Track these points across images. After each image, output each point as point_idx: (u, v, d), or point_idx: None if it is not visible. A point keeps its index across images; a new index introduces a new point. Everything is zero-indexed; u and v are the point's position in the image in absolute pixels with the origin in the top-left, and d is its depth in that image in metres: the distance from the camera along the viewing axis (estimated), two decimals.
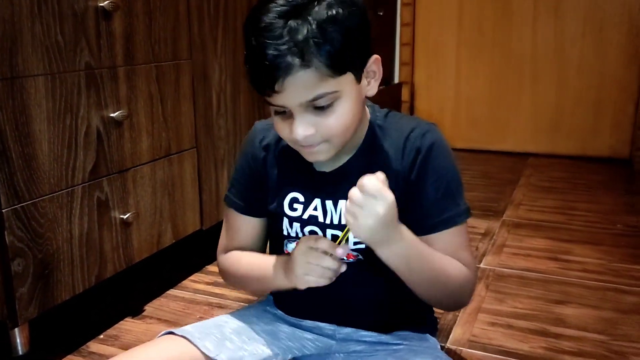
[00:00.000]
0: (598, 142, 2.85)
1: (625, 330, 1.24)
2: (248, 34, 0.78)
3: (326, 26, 0.73)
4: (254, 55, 0.76)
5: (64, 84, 1.11)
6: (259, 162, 0.95)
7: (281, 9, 0.75)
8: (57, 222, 1.12)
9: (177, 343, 0.90)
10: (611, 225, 1.91)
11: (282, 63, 0.73)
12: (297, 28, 0.73)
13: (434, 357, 0.87)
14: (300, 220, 0.91)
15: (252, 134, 0.98)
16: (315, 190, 0.90)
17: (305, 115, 0.78)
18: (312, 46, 0.73)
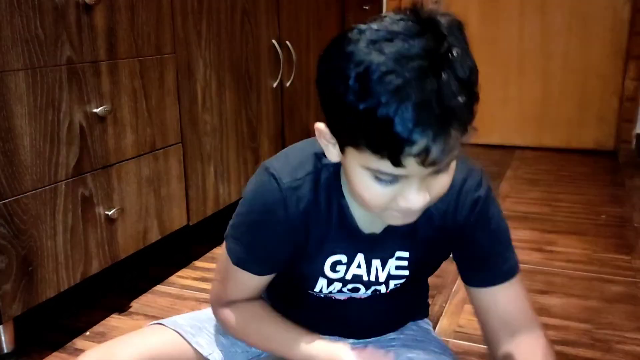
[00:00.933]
0: (583, 134, 2.87)
1: (609, 319, 1.25)
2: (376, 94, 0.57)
3: (469, 80, 0.59)
4: (403, 122, 0.57)
5: (45, 78, 1.10)
6: (296, 229, 0.78)
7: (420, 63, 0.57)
8: (40, 219, 1.11)
9: (166, 335, 0.89)
10: (596, 216, 1.93)
11: (445, 139, 0.58)
12: (450, 89, 0.57)
13: (427, 352, 0.87)
14: (343, 280, 0.83)
15: (280, 196, 0.76)
16: (359, 250, 0.81)
17: (425, 181, 0.64)
18: (464, 109, 0.58)
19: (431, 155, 0.58)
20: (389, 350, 0.89)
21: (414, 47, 0.57)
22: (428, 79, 0.56)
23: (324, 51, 0.64)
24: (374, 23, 0.61)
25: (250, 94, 1.79)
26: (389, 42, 0.58)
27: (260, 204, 0.78)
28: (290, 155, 0.81)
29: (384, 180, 0.63)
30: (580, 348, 1.14)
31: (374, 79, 0.56)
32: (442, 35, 0.59)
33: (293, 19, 2.04)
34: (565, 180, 2.39)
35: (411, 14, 0.61)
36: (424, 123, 0.56)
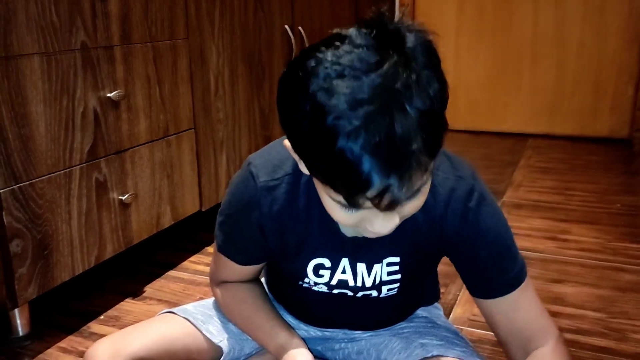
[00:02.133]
0: (597, 123, 2.84)
1: (623, 308, 1.24)
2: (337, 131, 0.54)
3: (431, 110, 0.56)
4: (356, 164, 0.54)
5: (59, 64, 1.10)
6: (269, 230, 0.79)
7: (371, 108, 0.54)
8: (55, 203, 1.12)
9: (178, 323, 0.90)
10: (609, 204, 1.91)
11: (406, 187, 0.56)
12: (406, 131, 0.54)
13: (439, 338, 0.87)
14: (328, 285, 0.82)
15: (255, 195, 0.77)
16: (344, 253, 0.80)
17: (390, 212, 0.61)
18: (423, 148, 0.55)
19: (385, 199, 0.56)
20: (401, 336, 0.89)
21: (366, 87, 0.54)
22: (380, 123, 0.53)
23: (283, 74, 0.62)
24: (331, 51, 0.57)
25: (263, 82, 1.79)
26: (342, 79, 0.55)
27: (237, 199, 0.81)
28: (273, 152, 0.79)
29: (348, 209, 0.61)
30: (594, 337, 1.14)
31: (328, 122, 0.54)
32: (403, 63, 0.55)
33: (306, 6, 2.02)
34: (578, 169, 2.36)
35: (375, 33, 0.57)
36: (377, 169, 0.54)
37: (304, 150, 0.60)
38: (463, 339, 0.91)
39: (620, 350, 1.09)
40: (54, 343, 1.15)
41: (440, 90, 0.57)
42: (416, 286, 0.90)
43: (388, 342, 0.88)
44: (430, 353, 0.81)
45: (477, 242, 0.75)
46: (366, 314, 0.90)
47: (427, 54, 0.57)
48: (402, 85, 0.54)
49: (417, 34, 0.58)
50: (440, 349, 0.82)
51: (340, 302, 0.86)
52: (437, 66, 0.58)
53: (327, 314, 0.91)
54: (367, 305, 0.86)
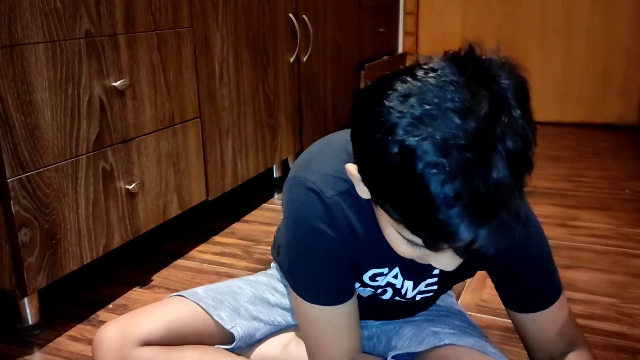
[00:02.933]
0: (606, 110, 2.81)
1: (635, 293, 1.23)
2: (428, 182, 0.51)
3: (524, 156, 0.53)
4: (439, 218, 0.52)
5: (64, 51, 1.09)
6: (344, 243, 0.73)
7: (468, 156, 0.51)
8: (62, 192, 1.12)
9: (188, 307, 0.89)
10: (619, 190, 1.89)
11: (491, 239, 0.53)
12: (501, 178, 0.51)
13: (451, 327, 0.86)
14: (377, 287, 0.81)
15: (327, 210, 0.70)
16: (399, 264, 0.78)
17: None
18: (515, 194, 0.53)
19: (474, 246, 0.53)
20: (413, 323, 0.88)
21: (461, 132, 0.50)
22: (475, 171, 0.50)
23: (361, 102, 0.57)
24: (417, 83, 0.53)
25: (268, 69, 1.77)
26: (434, 120, 0.50)
27: (308, 221, 0.71)
28: (324, 164, 0.73)
29: (416, 245, 0.59)
30: (607, 322, 1.12)
31: (418, 166, 0.50)
32: (498, 105, 0.51)
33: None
34: (588, 156, 2.34)
35: (466, 68, 0.53)
36: (471, 218, 0.51)
37: (383, 187, 0.55)
38: (476, 327, 0.90)
39: (632, 335, 1.08)
40: (64, 332, 1.15)
41: (532, 130, 0.54)
42: (445, 292, 0.90)
43: (399, 329, 0.87)
44: (442, 342, 0.80)
45: (521, 260, 0.74)
46: (391, 312, 0.90)
47: (520, 93, 0.54)
48: (500, 131, 0.51)
49: (511, 73, 0.55)
50: (453, 338, 0.81)
51: (368, 300, 0.85)
52: (528, 106, 0.54)
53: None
54: (393, 305, 0.85)
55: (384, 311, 0.89)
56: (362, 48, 2.54)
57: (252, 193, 1.93)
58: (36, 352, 1.09)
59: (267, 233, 1.62)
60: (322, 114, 2.16)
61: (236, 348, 0.89)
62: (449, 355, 0.78)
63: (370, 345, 0.90)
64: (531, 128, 0.54)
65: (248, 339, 0.90)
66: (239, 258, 1.47)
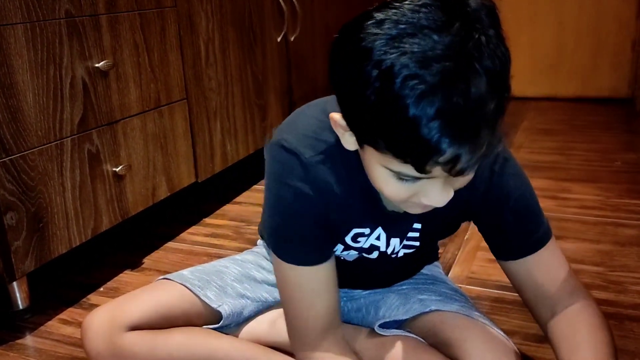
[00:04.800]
0: (598, 82, 2.81)
1: (623, 262, 1.24)
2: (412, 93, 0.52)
3: (501, 73, 0.55)
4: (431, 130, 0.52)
5: (44, 32, 1.08)
6: (324, 204, 0.73)
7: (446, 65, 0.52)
8: (48, 175, 1.11)
9: (175, 289, 0.89)
10: (610, 163, 1.90)
11: (478, 153, 0.54)
12: (480, 91, 0.52)
13: (437, 294, 0.87)
14: (360, 249, 0.82)
15: (306, 171, 0.71)
16: (380, 223, 0.79)
17: (448, 181, 0.61)
18: (495, 110, 0.54)
19: (459, 164, 0.54)
20: (399, 293, 0.89)
21: (439, 45, 0.51)
22: (455, 83, 0.51)
23: (337, 41, 0.59)
24: (393, 10, 0.54)
25: (255, 48, 1.76)
26: (411, 37, 0.51)
27: (286, 183, 0.72)
28: (302, 126, 0.74)
29: (406, 180, 0.59)
30: (594, 290, 1.13)
31: (397, 83, 0.51)
32: (471, 24, 0.53)
33: None
34: (579, 129, 2.34)
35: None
36: (453, 132, 0.52)
37: (367, 120, 0.55)
38: (463, 295, 0.91)
39: (619, 301, 1.09)
40: (54, 315, 1.16)
41: (506, 52, 0.55)
42: (430, 248, 0.90)
43: (387, 299, 0.88)
44: (428, 308, 0.81)
45: (502, 203, 0.75)
46: (374, 275, 0.90)
47: (491, 16, 0.55)
48: (474, 46, 0.52)
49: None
50: (439, 304, 0.82)
51: (354, 265, 0.85)
52: (500, 28, 0.56)
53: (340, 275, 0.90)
54: (378, 266, 0.86)
55: (372, 275, 0.90)
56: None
57: (242, 174, 1.92)
58: (27, 336, 1.09)
59: (258, 214, 1.62)
60: (313, 94, 2.15)
61: (224, 327, 0.90)
62: (434, 321, 0.79)
63: (359, 317, 0.90)
64: (505, 49, 0.55)
65: (236, 317, 0.91)
66: (230, 239, 1.47)
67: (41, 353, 1.03)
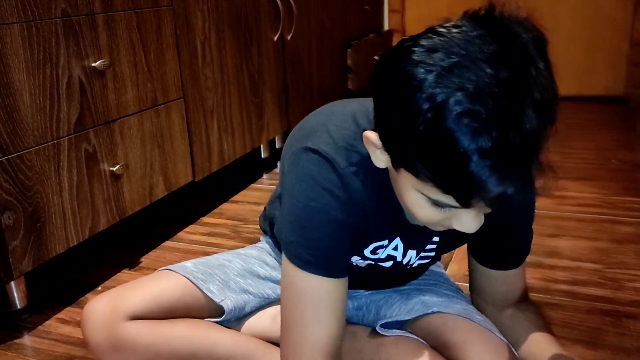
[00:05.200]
0: (593, 81, 2.81)
1: (620, 259, 1.25)
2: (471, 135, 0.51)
3: (551, 109, 0.55)
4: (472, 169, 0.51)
5: (40, 32, 1.08)
6: (353, 217, 0.71)
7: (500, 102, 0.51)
8: (45, 175, 1.11)
9: (177, 281, 0.88)
10: (606, 161, 1.91)
11: (522, 191, 0.53)
12: (532, 127, 0.52)
13: (439, 295, 0.87)
14: (377, 259, 0.81)
15: (340, 182, 0.69)
16: (400, 234, 0.78)
17: (482, 209, 0.60)
18: (543, 145, 0.55)
19: (502, 200, 0.53)
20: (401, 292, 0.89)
21: (493, 80, 0.50)
22: (509, 120, 0.49)
23: (385, 62, 0.57)
24: (443, 38, 0.52)
25: (251, 47, 1.76)
26: (465, 70, 0.50)
27: (317, 192, 0.69)
28: (335, 135, 0.71)
29: (441, 207, 0.58)
30: (591, 287, 1.14)
31: (450, 118, 0.50)
32: (524, 57, 0.52)
33: None
34: (575, 128, 2.35)
35: (487, 24, 0.53)
36: (503, 170, 0.50)
37: (411, 148, 0.54)
38: (464, 297, 0.91)
39: (616, 298, 1.10)
40: (52, 315, 1.15)
41: (555, 85, 0.54)
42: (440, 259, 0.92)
43: (388, 298, 0.88)
44: (430, 309, 0.81)
45: (516, 221, 0.78)
46: (383, 280, 0.90)
47: (541, 47, 0.54)
48: (528, 82, 0.51)
49: (530, 29, 0.55)
50: (440, 306, 0.82)
51: (365, 270, 0.85)
52: (549, 61, 0.55)
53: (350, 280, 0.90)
54: (390, 273, 0.86)
55: (380, 280, 0.90)
56: (347, 26, 2.52)
57: (239, 173, 1.92)
58: (25, 336, 1.09)
59: (255, 213, 1.62)
60: (309, 93, 2.15)
61: (226, 321, 0.90)
62: (436, 323, 0.79)
63: (360, 316, 0.90)
64: (554, 82, 0.55)
65: (238, 312, 0.91)
66: (228, 238, 1.47)
67: (39, 352, 1.03)
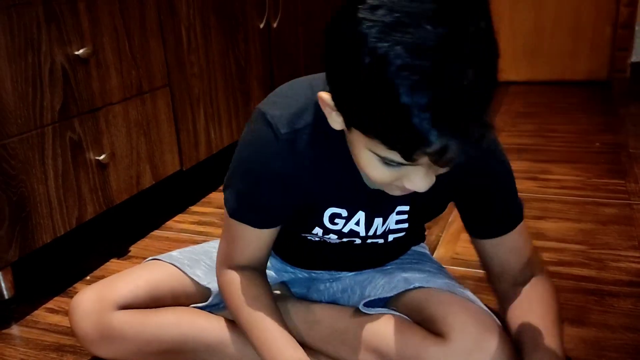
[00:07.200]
0: (577, 65, 2.84)
1: (603, 239, 1.27)
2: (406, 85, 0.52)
3: (492, 66, 0.55)
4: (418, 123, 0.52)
5: (21, 17, 1.06)
6: (294, 183, 0.75)
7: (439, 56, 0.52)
8: (29, 164, 1.10)
9: (164, 268, 0.90)
10: (589, 144, 1.93)
11: (467, 143, 0.54)
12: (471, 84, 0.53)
13: (422, 272, 0.88)
14: (339, 232, 0.82)
15: (277, 148, 0.73)
16: (361, 205, 0.79)
17: (432, 168, 0.61)
18: (485, 103, 0.55)
19: (447, 156, 0.54)
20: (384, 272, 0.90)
21: (432, 35, 0.51)
22: (447, 74, 0.51)
23: (332, 23, 0.59)
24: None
25: (237, 34, 1.74)
26: (405, 28, 0.51)
27: (255, 154, 0.75)
28: (287, 101, 0.74)
29: (391, 165, 0.60)
30: (576, 267, 1.16)
31: (391, 71, 0.51)
32: (464, 15, 0.53)
33: None
34: (559, 112, 2.37)
35: None
36: (443, 123, 0.52)
37: (357, 105, 0.56)
38: (448, 273, 0.92)
39: (601, 277, 1.12)
40: (41, 304, 1.15)
41: (496, 44, 0.55)
42: (418, 231, 0.91)
43: (372, 279, 0.89)
44: (412, 285, 0.82)
45: (487, 182, 0.77)
46: (361, 258, 0.91)
47: (482, 7, 0.55)
48: (467, 39, 0.52)
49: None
50: (422, 281, 0.83)
51: (342, 249, 0.86)
52: (491, 20, 0.56)
53: (323, 259, 0.92)
54: (366, 251, 0.87)
55: (360, 259, 0.91)
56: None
57: (227, 162, 1.91)
58: (14, 326, 1.08)
59: None
60: None
61: (213, 306, 0.90)
62: (418, 298, 0.80)
63: (345, 298, 0.91)
64: (495, 41, 0.55)
65: None
66: (216, 226, 1.47)
67: (28, 342, 1.03)
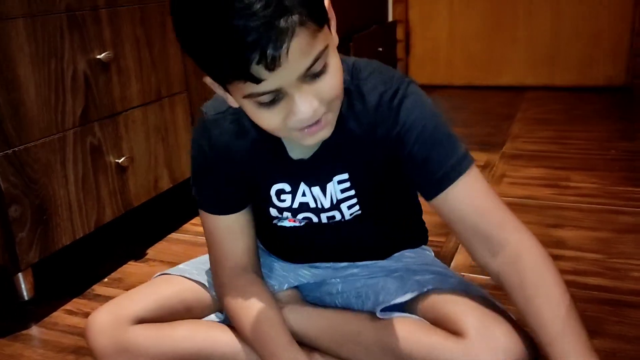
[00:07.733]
0: (595, 71, 2.81)
1: (620, 249, 1.26)
2: (208, 15, 0.59)
3: None
4: (230, 36, 0.58)
5: (45, 26, 1.08)
6: (225, 161, 0.81)
7: None
8: (51, 168, 1.12)
9: (174, 281, 0.92)
10: (606, 151, 1.91)
11: (274, 32, 0.57)
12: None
13: (432, 273, 0.88)
14: (291, 209, 0.84)
15: (204, 129, 0.82)
16: (299, 178, 0.82)
17: (303, 89, 0.63)
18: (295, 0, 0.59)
19: (269, 55, 0.58)
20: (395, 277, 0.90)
21: None
22: None
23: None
24: None
25: None
26: None
27: (194, 142, 0.85)
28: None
29: (266, 103, 0.64)
30: (592, 277, 1.15)
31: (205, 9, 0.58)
32: None
33: None
34: (576, 118, 2.35)
35: None
36: (252, 27, 0.57)
37: (200, 53, 0.62)
38: (455, 274, 0.91)
39: (616, 287, 1.11)
40: (59, 306, 1.17)
41: None
42: (381, 206, 0.87)
43: (384, 284, 0.89)
44: (425, 287, 0.82)
45: (407, 137, 0.75)
46: (344, 241, 0.90)
47: None
48: None
49: None
50: (436, 283, 0.83)
51: (314, 231, 0.87)
52: None
53: (308, 246, 0.92)
54: (340, 231, 0.87)
55: (331, 244, 0.91)
56: (348, 17, 2.51)
57: None
58: (33, 327, 1.10)
59: None
60: None
61: (228, 320, 0.91)
62: (433, 299, 0.80)
63: (359, 303, 0.91)
64: None
65: None
66: None
67: (46, 343, 1.05)
